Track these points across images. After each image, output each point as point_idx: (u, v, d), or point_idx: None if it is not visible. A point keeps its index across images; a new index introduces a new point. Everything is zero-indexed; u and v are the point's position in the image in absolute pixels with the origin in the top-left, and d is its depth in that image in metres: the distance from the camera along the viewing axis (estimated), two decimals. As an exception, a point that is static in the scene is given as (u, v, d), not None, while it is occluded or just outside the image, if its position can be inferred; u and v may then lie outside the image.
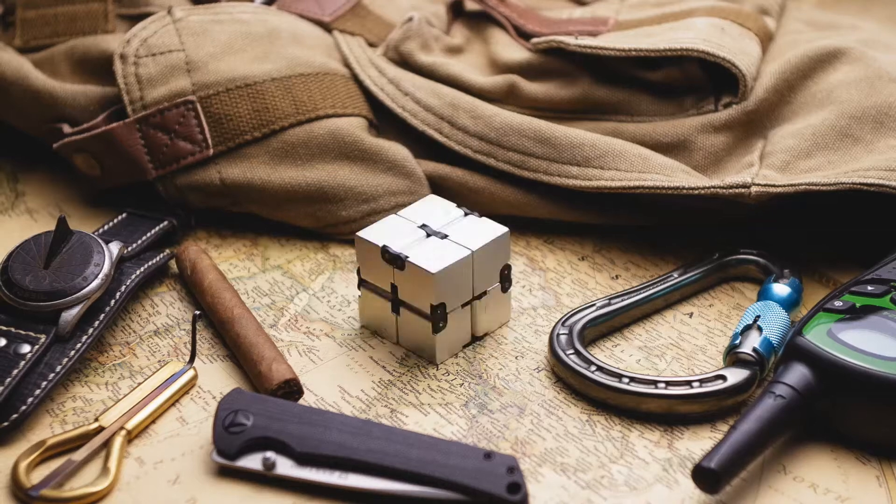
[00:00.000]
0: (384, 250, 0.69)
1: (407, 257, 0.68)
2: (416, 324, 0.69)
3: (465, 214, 0.71)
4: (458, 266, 0.68)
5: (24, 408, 0.66)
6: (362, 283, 0.71)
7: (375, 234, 0.70)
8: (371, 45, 0.84)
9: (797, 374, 0.63)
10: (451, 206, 0.72)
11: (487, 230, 0.70)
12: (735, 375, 0.66)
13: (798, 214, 0.78)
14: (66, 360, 0.68)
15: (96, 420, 0.66)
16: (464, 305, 0.70)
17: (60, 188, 0.84)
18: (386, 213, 0.78)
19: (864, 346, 0.64)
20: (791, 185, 0.72)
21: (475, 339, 0.71)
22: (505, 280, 0.71)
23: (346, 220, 0.78)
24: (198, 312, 0.70)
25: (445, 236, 0.69)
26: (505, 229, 0.70)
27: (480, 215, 0.71)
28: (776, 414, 0.62)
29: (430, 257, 0.68)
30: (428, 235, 0.69)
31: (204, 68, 0.78)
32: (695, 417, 0.66)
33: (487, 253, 0.69)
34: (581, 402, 0.68)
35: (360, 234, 0.70)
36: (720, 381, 0.66)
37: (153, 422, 0.67)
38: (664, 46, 0.78)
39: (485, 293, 0.70)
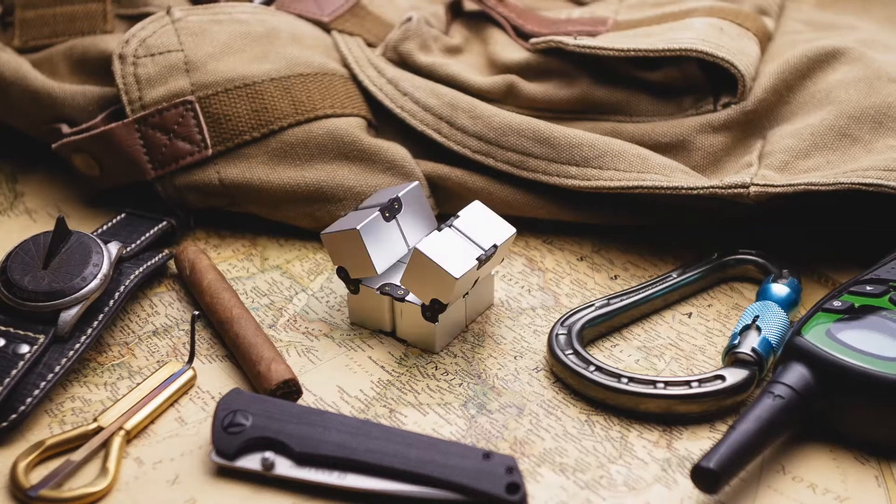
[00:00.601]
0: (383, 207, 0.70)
1: (430, 257, 0.68)
2: (414, 315, 0.70)
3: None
4: (472, 268, 0.69)
5: (22, 408, 0.66)
6: (353, 281, 0.71)
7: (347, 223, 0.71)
8: (370, 45, 0.84)
9: (796, 374, 0.63)
10: (426, 205, 0.74)
11: (497, 228, 0.70)
12: (734, 375, 0.66)
13: (797, 214, 0.78)
14: (64, 360, 0.68)
15: (95, 420, 0.66)
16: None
17: (59, 188, 0.84)
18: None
19: (862, 346, 0.64)
20: (790, 185, 0.72)
21: (467, 325, 0.72)
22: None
23: (344, 220, 0.78)
24: (197, 313, 0.70)
25: (453, 226, 0.70)
26: (513, 230, 0.71)
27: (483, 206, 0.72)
28: (775, 414, 0.62)
29: (450, 257, 0.68)
30: (440, 228, 0.70)
31: (203, 68, 0.78)
32: (694, 417, 0.66)
33: (500, 251, 0.70)
34: (580, 402, 0.68)
35: (360, 228, 0.70)
36: (719, 381, 0.66)
37: (152, 422, 0.67)
38: (663, 46, 0.78)
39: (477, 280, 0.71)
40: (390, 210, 0.71)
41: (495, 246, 0.69)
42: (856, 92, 0.77)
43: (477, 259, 0.68)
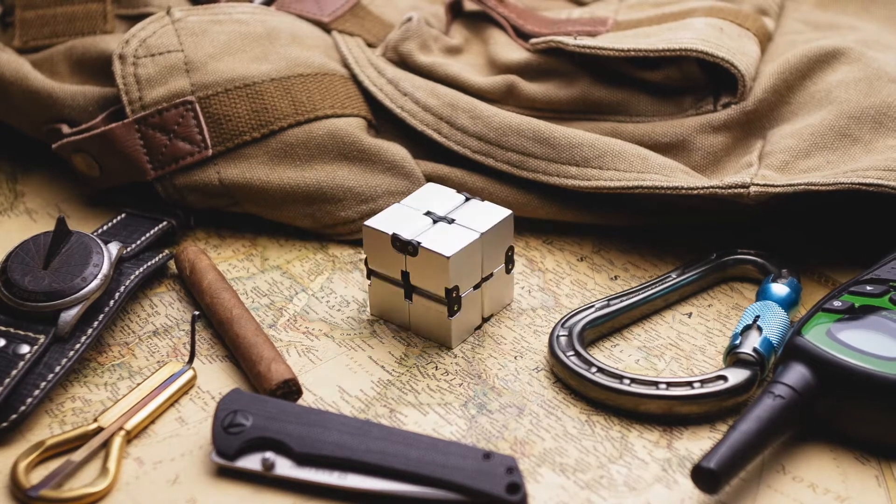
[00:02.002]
0: (395, 238, 0.69)
1: (420, 243, 0.68)
2: (429, 309, 0.70)
3: (467, 199, 0.72)
4: (469, 249, 0.69)
5: (23, 408, 0.66)
6: (372, 273, 0.71)
7: (383, 222, 0.70)
8: (370, 45, 0.84)
9: (796, 374, 0.63)
10: (451, 192, 0.73)
11: (492, 213, 0.71)
12: (736, 376, 0.66)
13: (797, 214, 0.78)
14: (65, 360, 0.68)
15: (95, 420, 0.66)
16: (475, 287, 0.70)
17: (59, 188, 0.84)
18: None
19: (862, 346, 0.64)
20: (790, 185, 0.72)
21: (484, 321, 0.72)
22: (509, 261, 0.72)
23: (344, 220, 0.78)
24: (197, 313, 0.70)
25: (452, 221, 0.70)
26: (509, 212, 0.71)
27: (482, 199, 0.72)
28: (775, 414, 0.62)
29: (442, 241, 0.68)
30: (435, 221, 0.70)
31: (203, 69, 0.78)
32: (694, 417, 0.66)
33: (494, 235, 0.70)
34: (580, 402, 0.68)
35: (368, 223, 0.70)
36: (721, 382, 0.66)
37: (152, 422, 0.67)
38: (663, 47, 0.78)
39: (491, 275, 0.71)
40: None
41: (489, 228, 0.70)
42: (856, 92, 0.77)
43: (472, 240, 0.69)
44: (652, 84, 0.80)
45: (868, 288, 0.68)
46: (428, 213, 0.71)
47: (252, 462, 0.63)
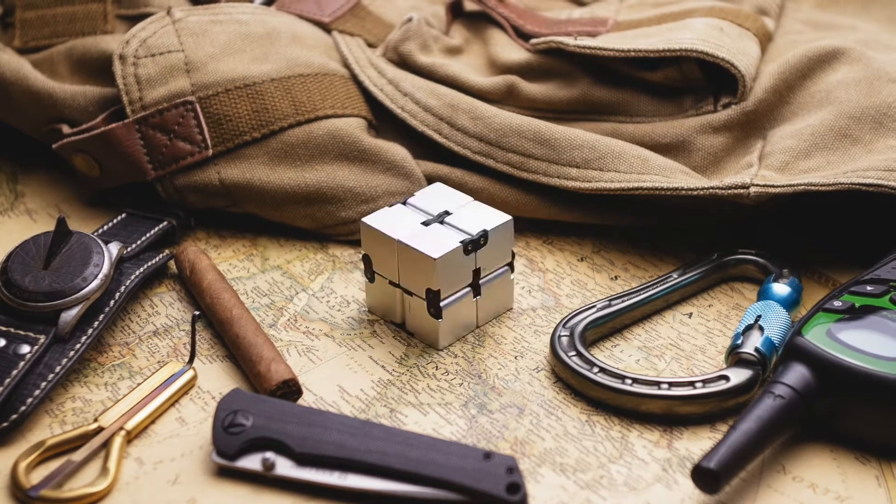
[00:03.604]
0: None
1: (407, 244, 0.68)
2: (422, 309, 0.70)
3: (468, 203, 0.72)
4: (457, 253, 0.69)
5: (23, 408, 0.66)
6: (369, 270, 0.72)
7: (381, 220, 0.70)
8: (370, 45, 0.84)
9: (796, 374, 0.63)
10: (458, 194, 0.73)
11: (492, 218, 0.70)
12: (738, 376, 0.66)
13: (797, 214, 0.78)
14: (65, 360, 0.68)
15: (96, 420, 0.66)
16: (474, 295, 0.70)
17: (60, 189, 0.84)
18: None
19: (863, 346, 0.64)
20: (790, 186, 0.72)
21: (478, 326, 0.72)
22: (508, 266, 0.72)
23: (344, 220, 0.78)
24: (197, 313, 0.70)
25: (444, 222, 0.70)
26: (508, 217, 0.71)
27: (483, 201, 0.73)
28: (776, 414, 0.62)
29: (430, 243, 0.68)
30: (428, 223, 0.70)
31: (203, 69, 0.78)
32: (694, 417, 0.66)
33: (491, 240, 0.70)
34: (580, 402, 0.68)
35: (366, 220, 0.70)
36: (723, 382, 0.66)
37: (153, 422, 0.67)
38: (663, 47, 0.78)
39: (488, 280, 0.71)
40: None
41: (485, 231, 0.69)
42: (856, 92, 0.77)
43: (461, 242, 0.68)
44: (652, 84, 0.80)
45: (868, 288, 0.68)
46: (426, 213, 0.71)
47: (252, 462, 0.63)
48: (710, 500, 0.62)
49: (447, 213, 0.71)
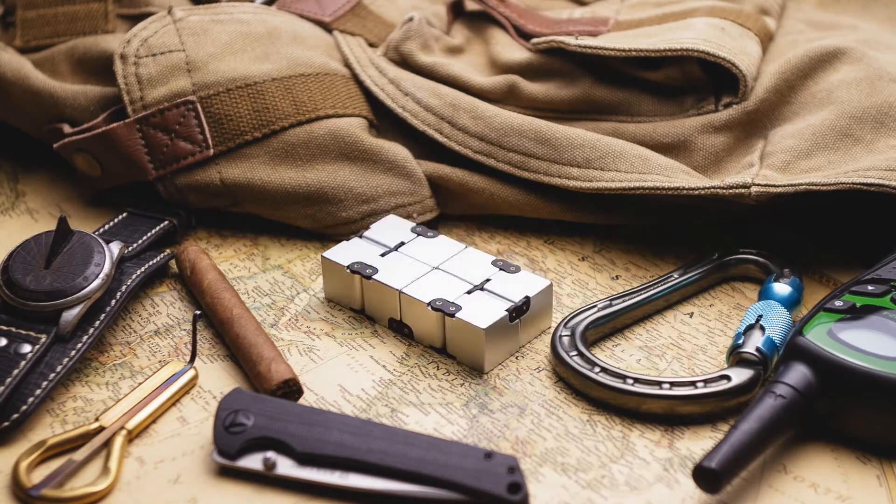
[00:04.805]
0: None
1: (455, 312, 0.69)
2: (464, 332, 0.69)
3: (421, 234, 0.74)
4: (503, 322, 0.69)
5: (24, 408, 0.66)
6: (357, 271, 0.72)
7: (339, 254, 0.73)
8: (371, 45, 0.84)
9: (797, 373, 0.63)
10: (409, 224, 0.75)
11: (529, 283, 0.71)
12: (739, 375, 0.66)
13: (798, 214, 0.78)
14: (66, 359, 0.68)
15: (97, 420, 0.66)
16: (512, 320, 0.70)
17: (61, 188, 0.84)
18: (385, 214, 0.78)
19: (864, 345, 0.64)
20: (791, 185, 0.72)
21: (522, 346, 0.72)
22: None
23: (345, 220, 0.78)
24: (198, 312, 0.70)
25: (485, 289, 0.70)
26: (547, 281, 0.71)
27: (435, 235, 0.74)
28: (777, 414, 0.62)
29: (479, 312, 0.69)
30: (387, 253, 0.73)
31: (204, 68, 0.78)
32: (696, 417, 0.66)
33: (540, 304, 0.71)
34: (581, 401, 0.68)
35: (326, 255, 0.73)
36: (725, 382, 0.66)
37: (154, 422, 0.67)
38: (664, 47, 0.78)
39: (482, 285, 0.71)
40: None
41: (527, 297, 0.69)
42: (857, 92, 0.77)
43: (506, 311, 0.68)
44: (653, 84, 0.80)
45: (869, 288, 0.68)
46: (384, 246, 0.73)
47: (253, 462, 0.63)
48: (712, 500, 0.62)
49: (403, 243, 0.73)
